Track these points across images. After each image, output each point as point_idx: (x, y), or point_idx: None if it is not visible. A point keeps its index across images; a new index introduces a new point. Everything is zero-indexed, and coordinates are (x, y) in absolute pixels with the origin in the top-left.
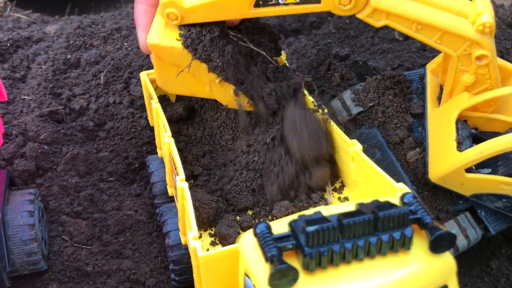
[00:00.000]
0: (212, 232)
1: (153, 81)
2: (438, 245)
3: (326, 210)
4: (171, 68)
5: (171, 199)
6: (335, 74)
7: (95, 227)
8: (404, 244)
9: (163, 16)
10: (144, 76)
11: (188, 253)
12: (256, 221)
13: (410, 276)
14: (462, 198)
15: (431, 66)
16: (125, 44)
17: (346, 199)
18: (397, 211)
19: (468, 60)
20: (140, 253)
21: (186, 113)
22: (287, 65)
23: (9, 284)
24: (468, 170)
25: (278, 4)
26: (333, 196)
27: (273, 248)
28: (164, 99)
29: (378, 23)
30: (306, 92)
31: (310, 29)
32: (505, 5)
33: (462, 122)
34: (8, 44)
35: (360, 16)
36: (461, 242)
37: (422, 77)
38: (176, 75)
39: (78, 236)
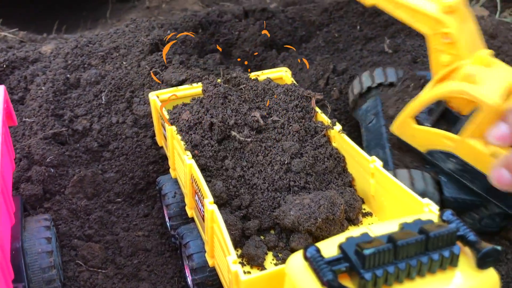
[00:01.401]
0: (239, 253)
1: (163, 101)
2: (484, 261)
3: (370, 231)
4: None
5: (187, 220)
6: (334, 88)
7: (108, 249)
8: (452, 261)
9: None
10: (153, 97)
11: (213, 275)
12: (281, 242)
13: None
14: (429, 164)
15: None
16: (124, 63)
17: (369, 214)
18: (446, 231)
19: (439, 40)
20: (156, 274)
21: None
22: (296, 83)
23: None
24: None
25: None
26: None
27: (328, 272)
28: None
29: (368, 1)
30: (318, 109)
31: (300, 43)
32: (485, 16)
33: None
34: (4, 65)
35: None
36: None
37: None
38: None
39: (92, 260)
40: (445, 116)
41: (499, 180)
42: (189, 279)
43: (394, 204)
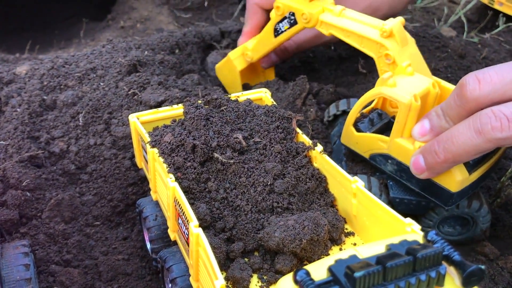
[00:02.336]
0: (224, 276)
1: (143, 123)
2: (469, 280)
3: (358, 253)
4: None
5: (169, 243)
6: (311, 109)
7: (87, 274)
8: (439, 281)
9: None
10: (134, 119)
11: None
12: (266, 263)
13: None
14: (378, 170)
15: None
16: (102, 84)
17: (351, 233)
18: (432, 252)
19: (383, 62)
20: None
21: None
22: (276, 104)
23: None
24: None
25: (279, 31)
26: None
27: None
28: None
29: (326, 32)
30: (299, 130)
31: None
32: (453, 36)
33: (377, 110)
34: None
35: (317, 27)
36: None
37: None
38: None
39: (71, 286)
40: (390, 127)
41: (415, 167)
42: None
43: (376, 224)
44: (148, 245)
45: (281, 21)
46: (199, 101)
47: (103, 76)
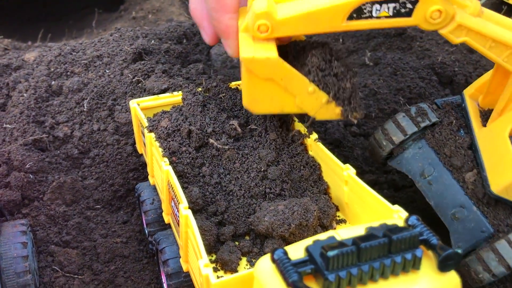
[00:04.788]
0: (213, 258)
1: (143, 109)
2: (445, 264)
3: (337, 235)
4: (262, 84)
5: (164, 227)
6: None
7: (85, 256)
8: (415, 264)
9: (253, 29)
10: (134, 104)
11: (187, 281)
12: (255, 247)
13: None
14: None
15: (469, 91)
16: (107, 71)
17: (343, 221)
18: (408, 234)
19: None
20: (132, 280)
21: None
22: None
23: None
24: None
25: (371, 17)
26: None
27: (293, 274)
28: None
29: (457, 39)
30: (295, 118)
31: None
32: None
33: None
34: None
35: (443, 31)
36: (499, 269)
37: (459, 104)
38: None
39: (69, 266)
40: None
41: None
42: (165, 285)
43: (366, 211)
44: (145, 228)
45: (377, 1)
46: (199, 89)
47: (109, 63)
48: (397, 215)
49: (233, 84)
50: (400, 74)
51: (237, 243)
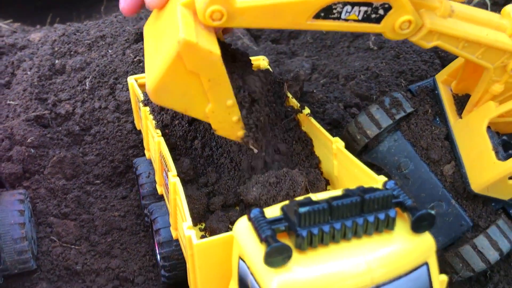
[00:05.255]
0: (202, 227)
1: (141, 85)
2: (419, 225)
3: (314, 197)
4: (182, 76)
5: (159, 200)
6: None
7: (83, 227)
8: (388, 224)
9: (203, 14)
10: (131, 80)
11: (178, 249)
12: (241, 214)
13: (394, 253)
14: (494, 200)
15: (442, 77)
16: (110, 51)
17: None
18: (381, 194)
19: (502, 71)
20: (128, 252)
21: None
22: (270, 70)
23: (1, 280)
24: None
25: (339, 18)
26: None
27: (267, 230)
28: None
29: (429, 44)
30: (289, 94)
31: (289, 39)
32: None
33: (489, 129)
34: None
35: (413, 39)
36: (493, 256)
37: (433, 89)
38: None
39: (66, 237)
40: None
41: None
42: (158, 255)
43: (355, 183)
44: (141, 202)
45: (347, 3)
46: None
47: (112, 43)
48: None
49: None
50: (403, 57)
51: (227, 213)
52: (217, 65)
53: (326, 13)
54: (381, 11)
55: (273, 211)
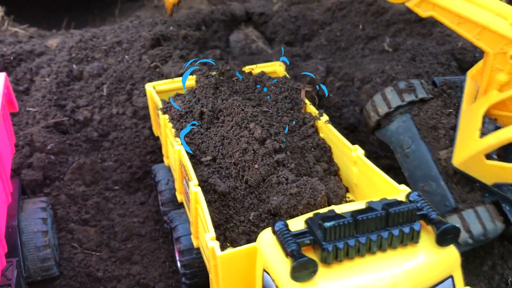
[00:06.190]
0: (222, 235)
1: (159, 92)
2: (443, 238)
3: (338, 209)
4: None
5: (178, 206)
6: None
7: (103, 234)
8: (413, 238)
9: None
10: (150, 87)
11: (199, 257)
12: (262, 223)
13: (419, 267)
14: (488, 191)
15: (472, 72)
16: (126, 57)
17: (352, 202)
18: (406, 207)
19: (503, 59)
20: (148, 258)
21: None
22: (287, 76)
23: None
24: (489, 159)
25: None
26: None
27: (292, 244)
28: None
29: (424, 13)
30: (307, 101)
31: (302, 42)
32: None
33: (490, 117)
34: (12, 58)
35: (409, 4)
36: (461, 236)
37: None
38: None
39: (87, 243)
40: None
41: None
42: (178, 262)
43: (375, 192)
44: (161, 208)
45: None
46: (213, 73)
47: (128, 49)
48: (402, 194)
49: (246, 68)
50: (419, 60)
51: (245, 221)
52: None
53: None
54: None
55: (296, 224)
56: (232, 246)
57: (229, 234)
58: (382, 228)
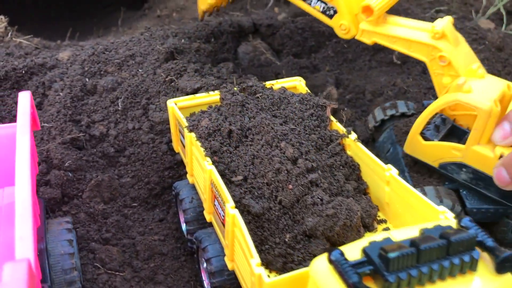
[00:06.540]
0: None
1: (181, 109)
2: (503, 266)
3: (391, 236)
4: None
5: (203, 225)
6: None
7: (125, 253)
8: (472, 265)
9: None
10: (171, 104)
11: (230, 279)
12: (298, 245)
13: None
14: (448, 180)
15: None
16: (140, 70)
17: (383, 221)
18: (466, 236)
19: (437, 64)
20: (172, 278)
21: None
22: (311, 92)
23: None
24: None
25: (310, 4)
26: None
27: (353, 274)
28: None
29: (369, 40)
30: (333, 118)
31: (310, 53)
32: (491, 28)
33: (446, 117)
34: (23, 71)
35: (356, 37)
36: None
37: None
38: None
39: (110, 263)
40: (453, 133)
41: (499, 180)
42: (206, 283)
43: (409, 211)
44: (184, 227)
45: None
46: (235, 88)
47: (142, 62)
48: (443, 216)
49: (267, 84)
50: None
51: (280, 242)
52: None
53: None
54: (332, 12)
55: (352, 252)
56: (267, 269)
57: (265, 256)
58: (443, 257)
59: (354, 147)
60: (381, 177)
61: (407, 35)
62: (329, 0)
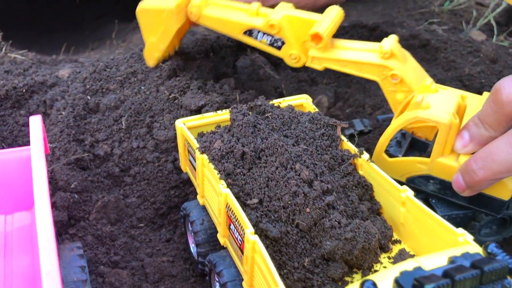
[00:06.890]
0: None
1: (190, 128)
2: None
3: (420, 265)
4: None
5: (214, 247)
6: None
7: (135, 276)
8: None
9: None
10: (180, 124)
11: None
12: (317, 269)
13: None
14: (416, 191)
15: None
16: (143, 87)
17: (398, 241)
18: (499, 265)
19: (389, 82)
20: None
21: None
22: (319, 111)
23: None
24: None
25: (256, 39)
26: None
27: None
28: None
29: (320, 66)
30: (343, 137)
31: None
32: (483, 40)
33: (407, 132)
34: (24, 90)
35: (307, 64)
36: None
37: None
38: None
39: (120, 287)
40: (414, 145)
41: (456, 186)
42: None
43: (425, 232)
44: (194, 248)
45: (260, 31)
46: (244, 106)
47: (144, 80)
48: (462, 239)
49: (275, 103)
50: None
51: (298, 268)
52: None
53: (249, 33)
54: (279, 43)
55: (384, 282)
56: None
57: (284, 281)
58: (476, 286)
59: (367, 167)
60: (396, 198)
61: (357, 57)
62: (275, 32)
